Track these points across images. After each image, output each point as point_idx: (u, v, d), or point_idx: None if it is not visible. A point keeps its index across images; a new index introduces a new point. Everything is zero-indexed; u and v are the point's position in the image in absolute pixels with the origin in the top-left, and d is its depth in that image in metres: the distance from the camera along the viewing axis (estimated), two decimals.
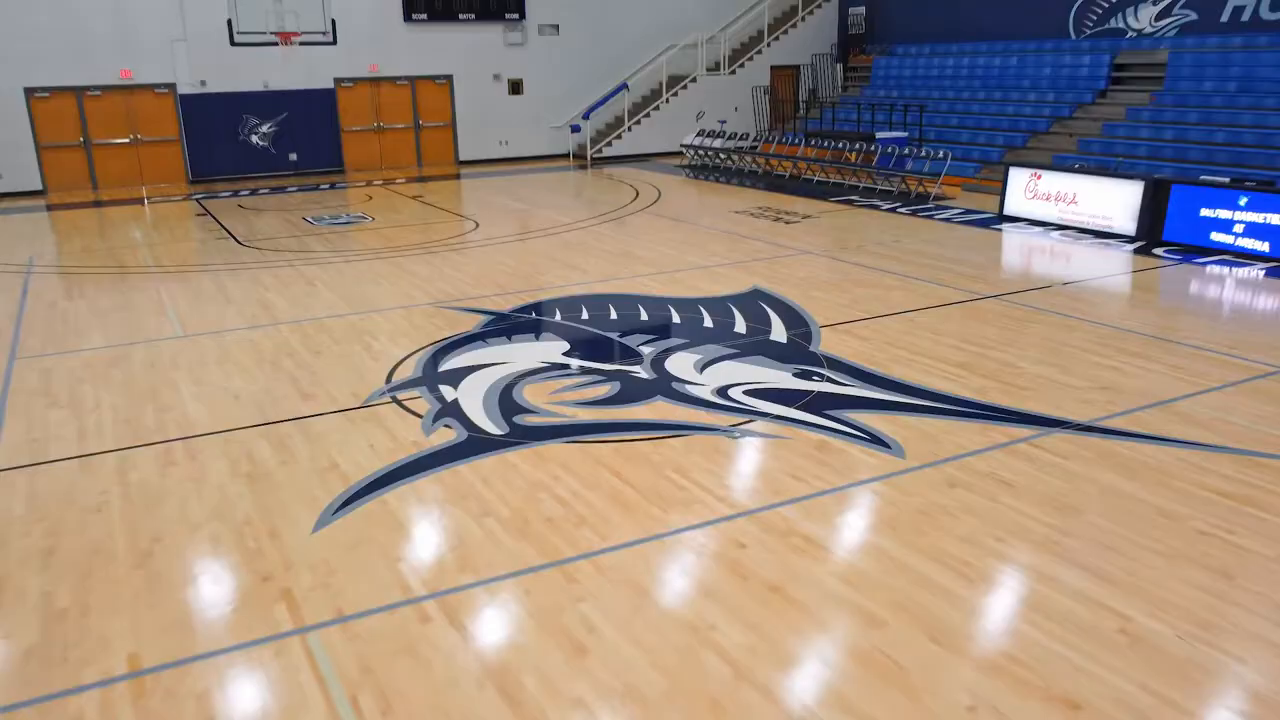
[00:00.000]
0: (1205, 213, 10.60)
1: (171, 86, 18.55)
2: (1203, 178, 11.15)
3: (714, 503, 4.94)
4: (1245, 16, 15.33)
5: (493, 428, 5.99)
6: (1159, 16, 16.53)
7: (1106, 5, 17.39)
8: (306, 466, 5.52)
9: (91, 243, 12.94)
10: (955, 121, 18.06)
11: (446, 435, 5.89)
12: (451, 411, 6.28)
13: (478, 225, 13.62)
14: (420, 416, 6.22)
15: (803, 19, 23.29)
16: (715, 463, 5.43)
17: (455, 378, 6.94)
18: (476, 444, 5.75)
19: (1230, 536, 4.50)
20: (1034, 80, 17.88)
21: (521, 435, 5.87)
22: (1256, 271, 9.85)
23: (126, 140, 18.48)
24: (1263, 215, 10.16)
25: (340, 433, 6.01)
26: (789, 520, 4.74)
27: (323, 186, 18.39)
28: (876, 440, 5.69)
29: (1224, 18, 15.59)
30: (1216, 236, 10.53)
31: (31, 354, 7.89)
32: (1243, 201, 10.31)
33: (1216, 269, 10.05)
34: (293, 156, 19.72)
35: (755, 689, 3.48)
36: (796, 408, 6.21)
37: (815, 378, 6.79)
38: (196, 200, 16.73)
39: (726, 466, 5.39)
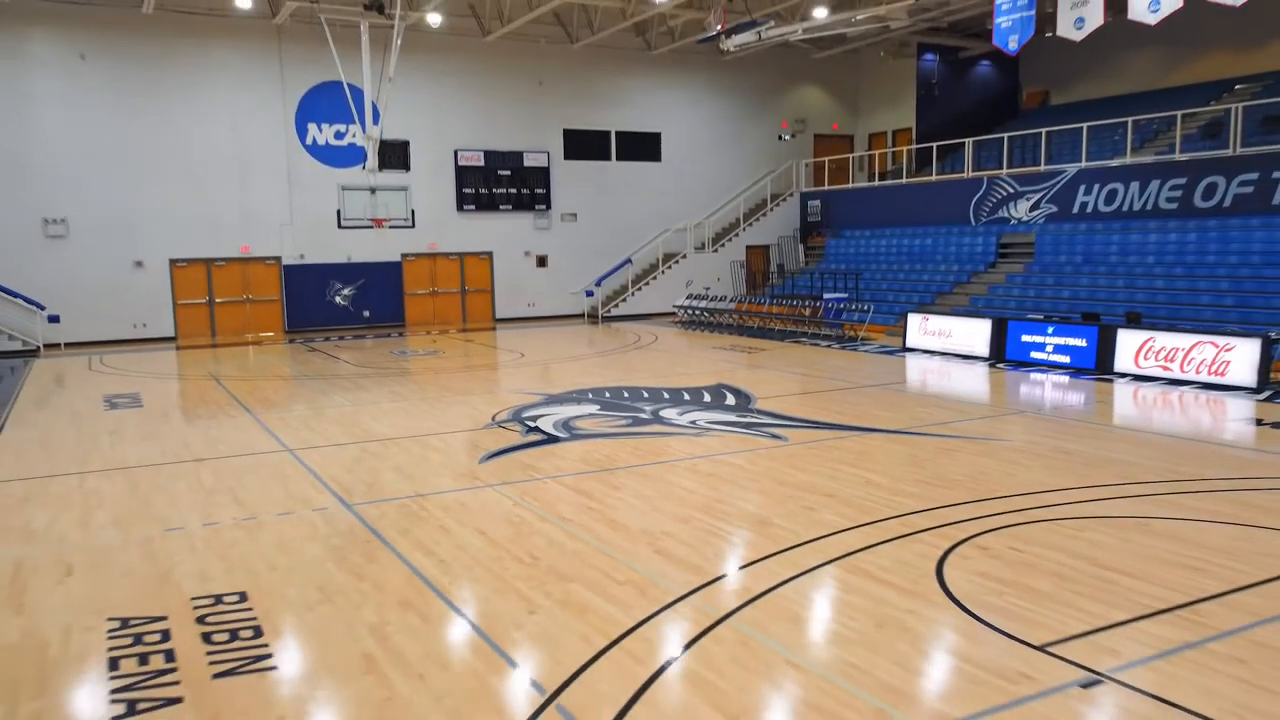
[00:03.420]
0: (1026, 338, 15.53)
1: (278, 258, 23.93)
2: (1028, 315, 16.13)
3: (684, 455, 9.52)
4: (1089, 209, 20.79)
5: (561, 435, 10.62)
6: (1031, 209, 22.05)
7: (995, 200, 22.98)
8: (460, 447, 10.12)
9: (241, 366, 17.77)
10: (885, 285, 23.33)
11: (534, 437, 10.50)
12: (535, 429, 10.92)
13: (522, 355, 18.51)
14: (517, 432, 10.84)
15: (771, 209, 29.14)
16: (686, 444, 10.03)
17: (533, 418, 11.60)
18: (553, 440, 10.35)
19: (941, 454, 9.08)
20: (943, 255, 23.31)
21: (579, 438, 10.49)
22: (1062, 376, 14.62)
23: (240, 299, 23.69)
24: (1064, 339, 15.06)
25: (474, 436, 10.62)
26: (719, 459, 9.32)
27: (393, 335, 23.47)
28: (775, 436, 10.31)
29: (1074, 210, 21.06)
30: (1035, 354, 15.41)
31: (262, 410, 12.54)
32: (1050, 330, 15.25)
33: (1034, 374, 14.84)
34: (366, 313, 24.90)
35: (706, 497, 8.02)
36: (734, 427, 10.85)
37: (749, 415, 11.46)
38: (300, 343, 21.72)
39: (692, 445, 9.99)
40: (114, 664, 4.94)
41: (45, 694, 4.64)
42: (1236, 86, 22.92)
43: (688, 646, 5.00)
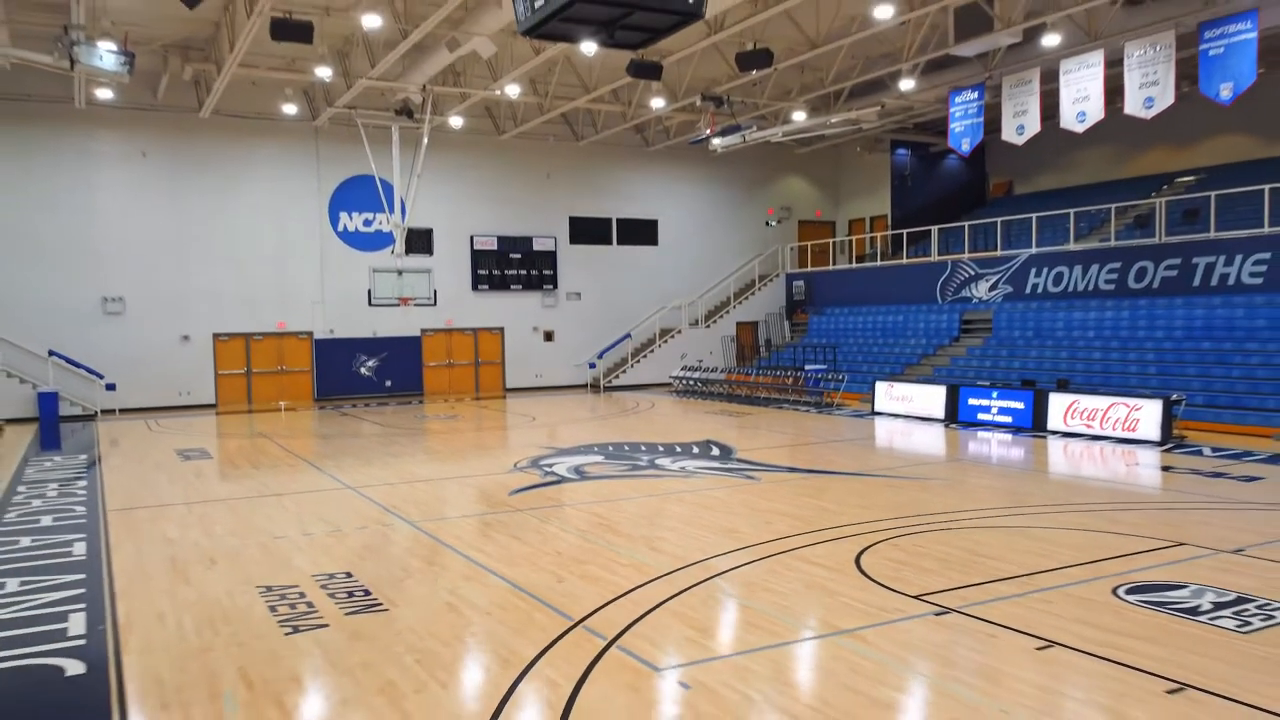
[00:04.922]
0: (974, 401, 17.84)
1: (310, 333, 26.35)
2: (978, 381, 18.45)
3: (674, 490, 11.74)
4: (1040, 290, 23.29)
5: (573, 476, 12.84)
6: (990, 290, 24.57)
7: (959, 282, 25.51)
8: (491, 485, 12.32)
9: (284, 427, 20.01)
10: (860, 357, 25.72)
11: (551, 478, 12.72)
12: (551, 472, 13.15)
13: (534, 418, 20.78)
14: (537, 475, 13.06)
15: (759, 289, 31.73)
16: (677, 482, 12.25)
17: (549, 464, 13.83)
18: (566, 480, 12.57)
19: (884, 489, 11.29)
20: (912, 330, 25.75)
21: (588, 479, 12.71)
22: (1005, 435, 16.87)
23: (275, 370, 26.03)
24: (1006, 402, 17.36)
25: (501, 478, 12.83)
26: (703, 492, 11.53)
27: (413, 402, 25.76)
28: (750, 477, 12.54)
29: (1027, 290, 23.56)
30: (982, 416, 17.70)
31: (317, 460, 14.75)
32: (994, 395, 17.56)
33: (980, 433, 17.09)
34: (388, 383, 27.22)
35: (690, 516, 10.22)
36: (717, 471, 13.09)
37: (730, 463, 13.70)
38: (331, 409, 23.99)
39: (681, 483, 12.20)
40: (273, 609, 7.12)
41: (232, 623, 6.81)
42: (1177, 179, 25.65)
43: (672, 598, 7.18)
